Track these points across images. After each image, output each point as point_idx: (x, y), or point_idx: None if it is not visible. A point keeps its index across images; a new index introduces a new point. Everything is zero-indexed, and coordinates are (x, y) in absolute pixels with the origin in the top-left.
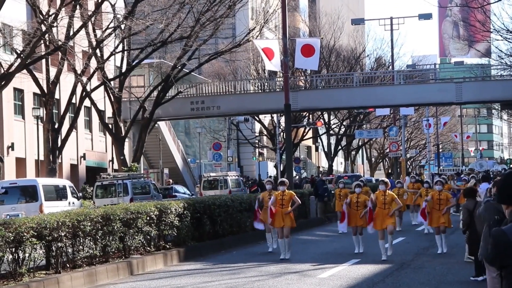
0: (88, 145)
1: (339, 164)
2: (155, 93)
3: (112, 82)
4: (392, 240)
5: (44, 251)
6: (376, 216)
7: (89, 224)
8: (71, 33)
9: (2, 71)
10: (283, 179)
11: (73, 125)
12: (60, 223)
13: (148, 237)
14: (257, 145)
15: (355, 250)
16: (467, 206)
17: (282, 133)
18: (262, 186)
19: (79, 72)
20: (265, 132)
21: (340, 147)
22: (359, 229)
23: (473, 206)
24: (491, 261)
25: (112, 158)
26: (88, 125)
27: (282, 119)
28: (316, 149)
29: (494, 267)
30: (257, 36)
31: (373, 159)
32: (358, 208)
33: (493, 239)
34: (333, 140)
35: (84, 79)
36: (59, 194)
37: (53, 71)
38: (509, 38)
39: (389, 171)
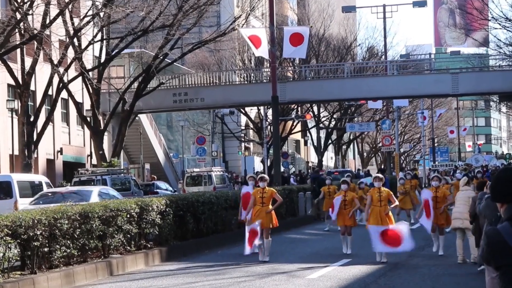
0: (65, 139)
1: (329, 159)
2: (135, 84)
3: (90, 73)
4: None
5: (19, 250)
6: (371, 214)
7: (67, 222)
8: (48, 21)
9: None
10: (263, 175)
11: (49, 118)
12: (36, 221)
13: (129, 235)
14: (243, 139)
15: (343, 250)
16: (475, 199)
17: (269, 127)
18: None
19: (55, 62)
20: (252, 126)
21: (330, 141)
22: (347, 229)
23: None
24: (486, 261)
25: (91, 152)
26: (65, 118)
27: (269, 112)
28: (305, 143)
29: (490, 267)
30: (243, 24)
31: (365, 153)
32: (346, 206)
33: (487, 239)
34: (323, 134)
35: (61, 69)
36: (34, 190)
37: (28, 62)
38: (508, 27)
39: (382, 166)
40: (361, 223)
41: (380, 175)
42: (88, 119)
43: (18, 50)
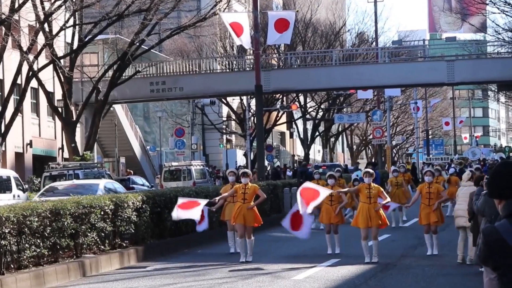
0: (35, 131)
1: (316, 152)
2: (110, 72)
3: (62, 61)
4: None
5: None
6: (360, 212)
7: (36, 219)
8: (16, 5)
9: None
10: (246, 170)
11: (18, 109)
12: (3, 219)
13: (103, 234)
14: (224, 131)
15: (328, 250)
16: (472, 195)
17: (252, 118)
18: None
19: (25, 49)
20: (234, 117)
21: (317, 133)
22: (334, 227)
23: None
24: (484, 261)
25: (62, 145)
26: (35, 108)
27: (253, 102)
28: (291, 136)
29: (487, 267)
30: (225, 8)
31: (354, 146)
32: (333, 203)
33: (484, 238)
34: (309, 125)
35: (31, 57)
36: (2, 186)
37: None
38: (507, 11)
39: (373, 160)
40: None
41: (370, 170)
42: (60, 109)
43: None
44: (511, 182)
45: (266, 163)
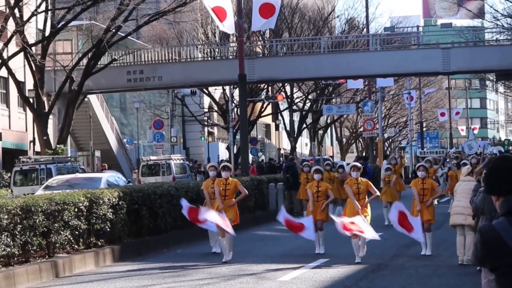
0: (4, 123)
1: (303, 145)
2: (84, 61)
3: (33, 48)
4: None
5: None
6: (347, 207)
7: (6, 217)
8: None
9: None
10: (226, 163)
11: None
12: None
13: (77, 232)
14: (206, 123)
15: (316, 250)
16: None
17: (235, 109)
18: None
19: None
20: (216, 108)
21: (305, 126)
22: (319, 224)
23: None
24: (480, 261)
25: (34, 138)
26: (5, 99)
27: (236, 92)
28: (277, 128)
29: (485, 268)
30: None
31: (344, 139)
32: (319, 199)
33: (481, 236)
34: (296, 117)
35: (0, 44)
36: None
37: None
38: None
39: (364, 154)
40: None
41: (357, 164)
42: (31, 100)
43: None
44: (509, 177)
45: (250, 157)
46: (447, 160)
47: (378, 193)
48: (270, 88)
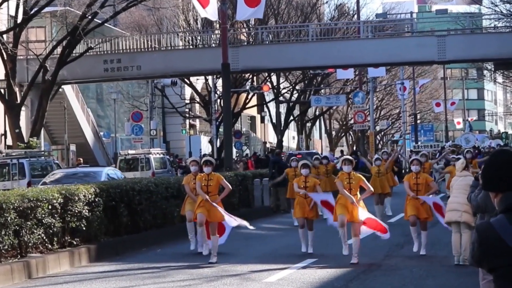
0: None
1: (290, 138)
2: (59, 49)
3: (4, 36)
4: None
5: None
6: (338, 203)
7: None
8: None
9: None
10: (208, 158)
11: None
12: None
13: (50, 231)
14: (187, 115)
15: (302, 248)
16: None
17: (219, 100)
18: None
19: None
20: (198, 99)
21: (292, 118)
22: (308, 223)
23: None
24: (477, 261)
25: (5, 131)
26: None
27: (219, 82)
28: (262, 120)
29: (482, 269)
30: None
31: (333, 132)
32: (307, 195)
33: (478, 235)
34: (283, 108)
35: None
36: None
37: None
38: None
39: (354, 148)
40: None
41: (350, 157)
42: (2, 91)
43: None
44: (509, 172)
45: (234, 151)
46: (443, 154)
47: (371, 189)
48: (255, 78)
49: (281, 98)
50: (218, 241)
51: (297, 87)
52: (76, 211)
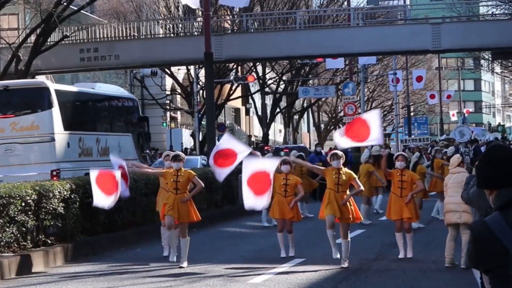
0: None
1: (277, 132)
2: (32, 37)
3: None
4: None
5: None
6: (325, 199)
7: None
8: None
9: None
10: (178, 152)
11: None
12: None
13: (24, 229)
14: (168, 107)
15: (281, 254)
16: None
17: (201, 91)
18: None
19: None
20: (179, 90)
21: (278, 110)
22: (287, 224)
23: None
24: (474, 262)
25: None
26: None
27: (202, 73)
28: (247, 113)
29: (478, 269)
30: None
31: (322, 125)
32: (287, 194)
33: (472, 234)
34: (269, 100)
35: None
36: None
37: None
38: None
39: None
40: (309, 215)
41: (338, 152)
42: None
43: None
44: (504, 167)
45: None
46: (434, 148)
47: (362, 187)
48: (239, 68)
49: (267, 89)
50: (188, 244)
51: (283, 78)
52: (51, 208)
